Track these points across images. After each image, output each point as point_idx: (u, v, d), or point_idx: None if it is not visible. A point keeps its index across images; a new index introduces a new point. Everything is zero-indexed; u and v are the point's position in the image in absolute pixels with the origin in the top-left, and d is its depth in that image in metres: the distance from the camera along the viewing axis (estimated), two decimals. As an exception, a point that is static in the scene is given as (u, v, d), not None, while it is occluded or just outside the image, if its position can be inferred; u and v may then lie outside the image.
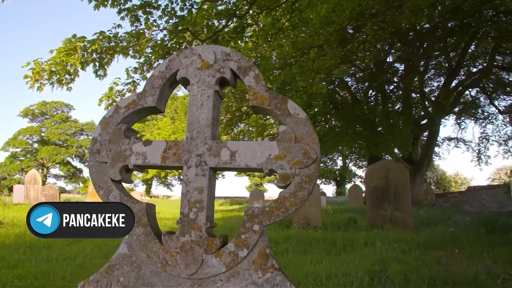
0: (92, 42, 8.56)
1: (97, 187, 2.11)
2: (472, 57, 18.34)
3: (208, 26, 10.81)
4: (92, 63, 8.88)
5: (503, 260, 6.12)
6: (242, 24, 12.20)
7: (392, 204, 11.61)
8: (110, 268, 2.04)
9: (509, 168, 34.52)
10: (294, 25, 13.11)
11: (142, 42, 9.00)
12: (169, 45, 10.16)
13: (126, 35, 9.10)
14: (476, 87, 19.33)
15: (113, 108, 2.20)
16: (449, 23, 16.22)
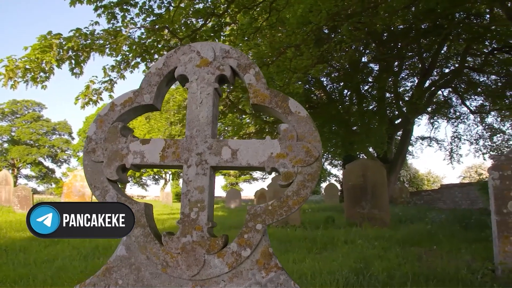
0: (68, 39, 8.33)
1: (92, 187, 2.04)
2: (445, 58, 18.79)
3: (186, 25, 10.70)
4: (68, 60, 8.65)
5: (480, 256, 6.28)
6: (220, 23, 12.15)
7: (370, 202, 11.78)
8: (107, 270, 1.98)
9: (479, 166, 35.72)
10: (272, 24, 13.13)
11: (120, 40, 8.82)
12: (146, 43, 10.00)
13: (103, 32, 8.90)
14: (448, 88, 19.82)
15: (108, 105, 2.13)
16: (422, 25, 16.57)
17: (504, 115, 19.54)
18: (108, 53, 9.49)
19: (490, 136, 20.59)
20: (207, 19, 11.10)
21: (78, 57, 8.74)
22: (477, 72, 18.54)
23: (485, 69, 17.84)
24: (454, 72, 18.62)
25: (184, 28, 10.76)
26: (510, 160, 5.47)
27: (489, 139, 20.72)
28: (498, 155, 5.57)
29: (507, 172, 5.44)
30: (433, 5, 14.10)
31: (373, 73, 21.50)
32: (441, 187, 19.85)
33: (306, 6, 12.10)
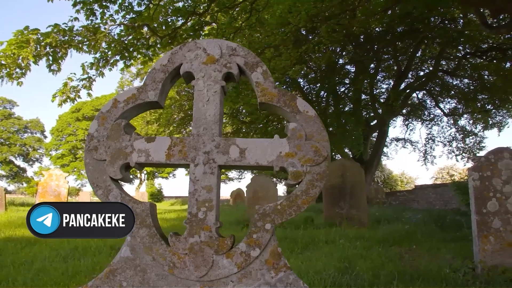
0: (46, 35, 8.09)
1: (94, 186, 1.97)
2: (420, 61, 19.20)
3: (166, 23, 10.56)
4: (45, 57, 8.40)
5: (460, 255, 6.43)
6: (200, 22, 12.06)
7: (348, 202, 11.90)
8: (111, 272, 1.92)
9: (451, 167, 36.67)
10: (251, 25, 13.13)
11: (100, 37, 8.63)
12: (126, 41, 9.83)
13: (82, 29, 8.69)
14: (423, 90, 20.28)
15: (111, 102, 2.07)
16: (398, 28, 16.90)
17: (476, 118, 20.15)
18: (86, 50, 9.28)
19: (462, 138, 21.18)
20: (188, 18, 11.00)
21: (56, 54, 8.50)
22: (450, 76, 19.02)
23: (458, 72, 18.33)
24: (428, 75, 19.06)
25: (164, 26, 10.61)
26: (489, 161, 5.62)
27: (462, 141, 21.31)
28: (478, 157, 5.72)
29: (487, 173, 5.59)
30: (410, 9, 14.40)
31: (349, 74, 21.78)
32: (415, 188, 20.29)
33: (285, 7, 12.15)
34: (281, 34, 13.05)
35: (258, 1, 12.15)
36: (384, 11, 14.90)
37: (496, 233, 5.42)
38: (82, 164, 48.97)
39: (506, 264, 5.32)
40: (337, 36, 15.17)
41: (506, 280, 4.95)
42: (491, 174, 5.58)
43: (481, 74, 17.23)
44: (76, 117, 50.43)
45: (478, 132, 20.88)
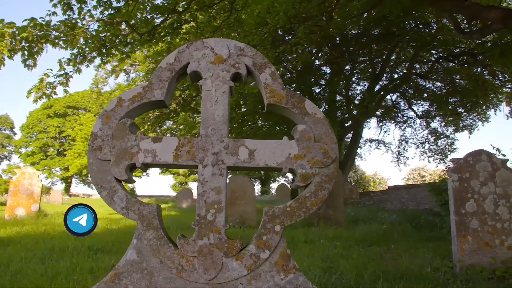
0: (21, 29, 7.81)
1: (99, 187, 1.92)
2: (394, 64, 19.59)
3: (146, 20, 10.40)
4: (21, 51, 8.12)
5: (438, 254, 6.59)
6: (180, 20, 11.94)
7: (325, 202, 12.02)
8: (116, 276, 1.86)
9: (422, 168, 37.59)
10: (230, 24, 13.10)
11: (79, 32, 8.41)
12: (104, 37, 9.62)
13: (60, 24, 8.44)
14: (396, 92, 20.69)
15: (115, 100, 2.01)
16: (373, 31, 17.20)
17: (447, 121, 20.70)
18: (63, 46, 9.02)
19: (435, 140, 21.74)
20: (167, 16, 10.86)
21: (32, 48, 8.23)
22: (423, 79, 19.49)
23: (431, 76, 18.80)
24: (402, 78, 19.46)
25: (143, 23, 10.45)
26: (468, 163, 5.78)
27: (434, 143, 21.87)
28: (457, 159, 5.87)
29: (465, 174, 5.74)
30: (386, 12, 14.68)
31: (325, 76, 22.00)
32: (389, 189, 20.69)
33: (264, 7, 12.17)
34: (259, 34, 13.07)
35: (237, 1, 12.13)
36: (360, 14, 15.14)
37: (474, 233, 5.58)
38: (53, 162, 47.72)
39: (483, 263, 5.49)
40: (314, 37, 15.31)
41: (484, 278, 5.11)
42: (469, 175, 5.74)
43: (453, 78, 17.73)
44: (47, 114, 49.06)
45: (450, 134, 21.48)
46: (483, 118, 20.02)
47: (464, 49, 16.21)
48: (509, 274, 5.22)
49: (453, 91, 18.07)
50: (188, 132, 22.72)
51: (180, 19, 11.89)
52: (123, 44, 10.24)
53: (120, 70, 19.91)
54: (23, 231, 8.56)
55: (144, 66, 19.27)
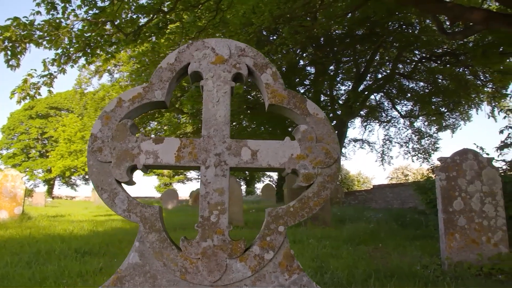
0: (5, 29, 7.65)
1: (99, 189, 1.88)
2: (378, 64, 19.82)
3: (132, 20, 10.30)
4: (4, 51, 7.96)
5: (426, 252, 6.67)
6: (165, 20, 11.86)
7: (312, 202, 12.08)
8: (119, 280, 1.83)
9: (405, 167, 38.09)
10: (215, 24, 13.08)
11: (63, 32, 8.28)
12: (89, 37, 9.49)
13: (44, 23, 8.29)
14: (380, 92, 20.93)
15: (115, 101, 1.98)
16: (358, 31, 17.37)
17: (430, 120, 21.02)
18: (47, 46, 8.87)
19: (418, 139, 22.06)
20: (153, 16, 10.78)
21: (15, 48, 8.08)
22: (407, 79, 19.76)
23: (414, 76, 19.07)
24: (386, 78, 19.69)
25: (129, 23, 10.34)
26: (455, 162, 5.87)
27: (418, 142, 22.18)
28: (445, 158, 5.95)
29: (453, 173, 5.83)
30: (371, 13, 14.83)
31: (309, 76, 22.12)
32: (373, 188, 20.86)
33: (249, 7, 12.18)
34: (245, 35, 13.08)
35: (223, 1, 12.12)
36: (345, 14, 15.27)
37: (461, 230, 5.67)
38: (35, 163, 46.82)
39: (470, 259, 5.58)
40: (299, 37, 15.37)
41: (472, 275, 5.19)
42: (456, 174, 5.83)
43: (436, 78, 18.00)
44: (29, 115, 48.06)
45: (433, 133, 21.82)
46: (465, 118, 20.41)
47: (447, 49, 16.49)
48: (495, 271, 5.31)
49: (436, 91, 18.36)
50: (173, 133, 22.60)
51: (166, 19, 11.81)
52: (108, 44, 10.12)
53: (103, 70, 19.66)
54: (7, 235, 8.38)
55: (128, 67, 19.09)
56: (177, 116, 23.70)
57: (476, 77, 17.04)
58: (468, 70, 16.72)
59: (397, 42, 17.02)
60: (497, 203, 5.73)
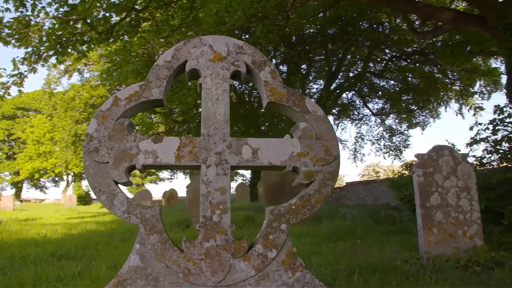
0: (-29, 26, 7.38)
1: (97, 191, 1.83)
2: (349, 63, 20.11)
3: (105, 18, 10.08)
4: (-30, 50, 7.65)
5: (403, 246, 6.81)
6: (138, 18, 11.68)
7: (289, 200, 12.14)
8: (120, 283, 1.78)
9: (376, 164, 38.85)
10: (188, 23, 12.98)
11: (34, 30, 8.02)
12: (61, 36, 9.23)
13: (13, 20, 8.01)
14: (352, 91, 21.23)
15: (111, 99, 1.92)
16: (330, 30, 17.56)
17: (401, 118, 21.50)
18: (16, 44, 8.58)
19: (389, 136, 22.52)
20: (126, 14, 10.59)
21: (-18, 46, 7.78)
22: (377, 77, 20.12)
23: (385, 74, 19.44)
24: (357, 76, 20.00)
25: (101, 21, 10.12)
26: (431, 158, 6.01)
27: (389, 139, 22.63)
28: (421, 154, 6.09)
29: (429, 169, 5.97)
30: (343, 12, 15.03)
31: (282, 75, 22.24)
32: (346, 185, 21.16)
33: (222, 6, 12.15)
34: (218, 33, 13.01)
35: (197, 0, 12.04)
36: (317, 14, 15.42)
37: (438, 225, 5.81)
38: (2, 166, 45.06)
39: (447, 253, 5.73)
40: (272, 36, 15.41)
41: (450, 267, 5.33)
42: (433, 170, 5.97)
43: (406, 76, 18.41)
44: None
45: (404, 131, 22.32)
46: (434, 115, 20.98)
47: (416, 48, 16.88)
48: (471, 263, 5.47)
49: (406, 89, 18.78)
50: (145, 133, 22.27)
51: (139, 17, 11.64)
52: (79, 42, 9.87)
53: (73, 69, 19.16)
54: (-24, 241, 8.06)
55: (99, 66, 18.67)
56: (149, 116, 23.37)
57: (445, 76, 17.53)
58: (437, 68, 17.19)
59: (368, 41, 17.30)
60: (472, 198, 5.90)
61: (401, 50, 17.45)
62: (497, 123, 8.05)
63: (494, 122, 8.07)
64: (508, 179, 6.93)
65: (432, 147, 6.17)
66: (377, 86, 20.50)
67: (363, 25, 16.82)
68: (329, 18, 16.00)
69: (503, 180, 6.86)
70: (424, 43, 15.75)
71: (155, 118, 23.88)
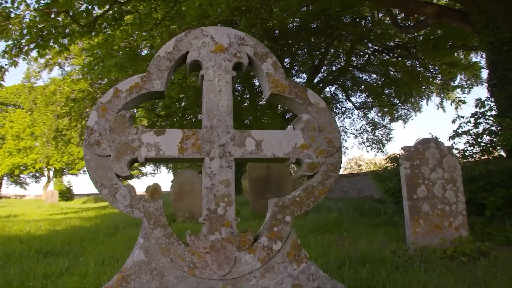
0: None
1: (98, 185, 1.79)
2: (332, 57, 20.22)
3: (88, 10, 9.89)
4: None
5: (390, 238, 6.90)
6: (122, 11, 11.49)
7: (274, 193, 12.16)
8: (123, 279, 1.75)
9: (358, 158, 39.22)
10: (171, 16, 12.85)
11: (15, 22, 7.81)
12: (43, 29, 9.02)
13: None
14: (335, 84, 21.37)
15: (112, 91, 1.88)
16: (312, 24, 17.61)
17: (383, 111, 21.76)
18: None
19: (372, 130, 22.78)
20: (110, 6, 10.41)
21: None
22: (360, 71, 20.30)
23: (368, 68, 19.61)
24: (340, 70, 20.12)
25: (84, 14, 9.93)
26: (418, 151, 6.09)
27: (372, 132, 22.89)
28: (408, 147, 6.16)
29: (416, 161, 6.05)
30: (327, 6, 15.07)
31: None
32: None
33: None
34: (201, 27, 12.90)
35: (181, -8, 11.92)
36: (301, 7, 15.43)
37: (425, 216, 5.90)
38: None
39: (434, 244, 5.82)
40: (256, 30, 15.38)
41: (437, 258, 5.42)
42: (420, 162, 6.05)
43: (388, 70, 18.60)
44: (-29, 111, 44.86)
45: (386, 124, 22.61)
46: (416, 108, 21.29)
47: (398, 42, 17.06)
48: (457, 253, 5.58)
49: (388, 83, 18.99)
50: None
51: (122, 10, 11.45)
52: (61, 35, 9.67)
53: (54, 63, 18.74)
54: (-43, 239, 7.85)
55: (80, 60, 18.31)
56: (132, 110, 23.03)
57: (426, 70, 17.78)
58: (419, 62, 17.41)
59: (350, 35, 17.40)
60: (457, 189, 6.00)
61: (384, 44, 17.61)
62: (479, 116, 8.22)
63: (476, 116, 8.23)
64: (489, 171, 7.10)
65: (419, 140, 6.26)
66: (360, 80, 20.69)
67: (346, 19, 16.91)
68: (313, 12, 16.02)
69: (485, 172, 7.01)
70: (406, 37, 15.93)
71: (137, 113, 23.63)
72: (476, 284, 4.14)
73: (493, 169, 7.04)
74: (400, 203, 9.40)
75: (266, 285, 1.81)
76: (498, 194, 6.62)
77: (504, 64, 8.71)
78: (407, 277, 4.31)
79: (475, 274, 4.48)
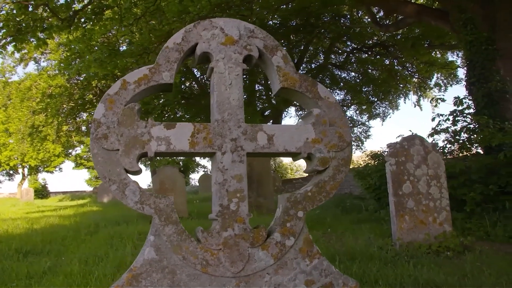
0: None
1: (107, 180, 1.72)
2: (311, 55, 20.29)
3: (67, 4, 9.62)
4: None
5: (375, 234, 6.97)
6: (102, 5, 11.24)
7: (255, 191, 12.15)
8: (134, 278, 1.69)
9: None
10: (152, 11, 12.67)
11: (-9, 13, 7.53)
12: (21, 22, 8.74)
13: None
14: (314, 82, 21.40)
15: (119, 83, 1.80)
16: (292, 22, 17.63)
17: (362, 109, 22.00)
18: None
19: (351, 127, 22.95)
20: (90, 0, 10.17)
21: None
22: (339, 69, 20.45)
23: (347, 66, 19.79)
24: (319, 68, 20.22)
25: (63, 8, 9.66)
26: (403, 148, 6.16)
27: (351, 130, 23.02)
28: (394, 144, 6.23)
29: (401, 158, 6.12)
30: (307, 4, 15.10)
31: (244, 66, 22.11)
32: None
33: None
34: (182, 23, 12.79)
35: (162, -12, 11.76)
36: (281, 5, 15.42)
37: (410, 212, 5.98)
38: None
39: (419, 239, 5.91)
40: (236, 27, 15.20)
41: (423, 253, 5.51)
42: (405, 159, 6.12)
43: (367, 68, 18.81)
44: None
45: (365, 122, 22.88)
46: (394, 106, 21.61)
47: (377, 41, 17.26)
48: (442, 248, 5.68)
49: (366, 80, 19.20)
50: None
51: (102, 4, 11.20)
52: (40, 29, 9.38)
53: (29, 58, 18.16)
54: None
55: (57, 55, 17.80)
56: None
57: (404, 68, 18.06)
58: (397, 61, 17.66)
59: (330, 33, 17.49)
60: (441, 185, 6.11)
61: (362, 42, 17.78)
62: (457, 114, 8.39)
63: (454, 113, 8.40)
64: (469, 168, 7.26)
65: (403, 137, 6.33)
66: (339, 78, 20.83)
67: (325, 17, 16.98)
68: (293, 9, 16.02)
69: (464, 168, 7.16)
70: (384, 36, 16.12)
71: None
72: (464, 277, 4.21)
73: (472, 166, 7.19)
74: (381, 199, 9.54)
75: (279, 282, 1.78)
76: (477, 190, 6.77)
77: (482, 63, 8.92)
78: (397, 272, 4.36)
79: (462, 268, 4.57)
